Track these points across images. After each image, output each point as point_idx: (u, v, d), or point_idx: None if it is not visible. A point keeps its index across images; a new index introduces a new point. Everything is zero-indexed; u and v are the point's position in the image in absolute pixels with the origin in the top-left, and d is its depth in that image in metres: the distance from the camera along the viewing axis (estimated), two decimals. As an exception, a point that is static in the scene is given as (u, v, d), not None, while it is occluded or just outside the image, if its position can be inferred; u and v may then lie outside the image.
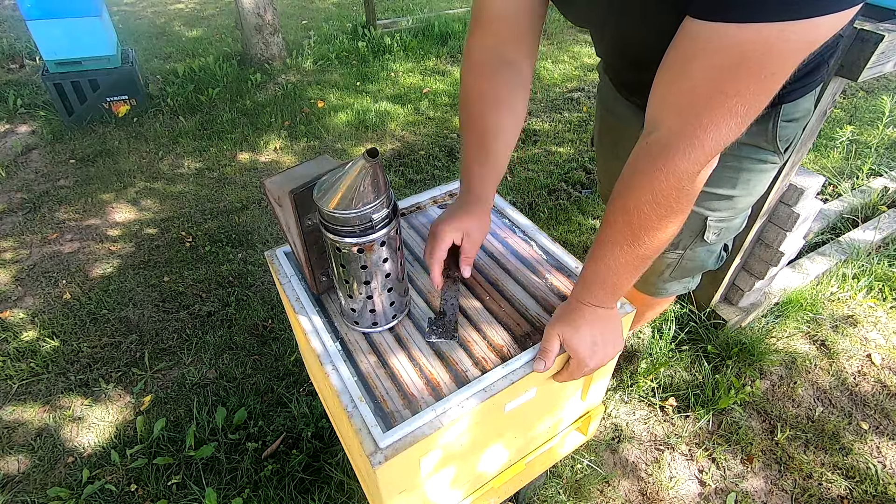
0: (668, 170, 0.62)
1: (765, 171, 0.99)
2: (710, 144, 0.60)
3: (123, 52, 3.25)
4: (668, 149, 0.62)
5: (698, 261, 1.14)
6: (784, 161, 1.00)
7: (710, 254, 1.14)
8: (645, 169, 0.65)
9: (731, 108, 0.57)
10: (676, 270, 1.17)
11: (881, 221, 2.20)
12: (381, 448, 0.68)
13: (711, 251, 1.14)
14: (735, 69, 0.55)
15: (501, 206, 1.11)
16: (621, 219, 0.69)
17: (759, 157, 0.96)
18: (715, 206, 1.02)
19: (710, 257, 1.15)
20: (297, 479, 1.45)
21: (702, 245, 1.09)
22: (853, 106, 3.34)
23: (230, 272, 2.15)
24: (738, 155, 0.96)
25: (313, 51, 4.01)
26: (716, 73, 0.56)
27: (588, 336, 0.77)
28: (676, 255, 1.14)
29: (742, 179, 0.98)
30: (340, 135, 3.09)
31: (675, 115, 0.61)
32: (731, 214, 1.04)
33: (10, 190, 2.65)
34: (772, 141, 0.93)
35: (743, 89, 0.56)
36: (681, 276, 1.19)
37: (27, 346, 1.86)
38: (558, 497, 1.41)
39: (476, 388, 0.75)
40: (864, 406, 1.65)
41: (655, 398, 1.65)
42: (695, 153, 0.61)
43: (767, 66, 0.54)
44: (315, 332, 0.84)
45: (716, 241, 1.09)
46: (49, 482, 1.49)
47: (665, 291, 1.25)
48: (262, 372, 1.76)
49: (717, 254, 1.16)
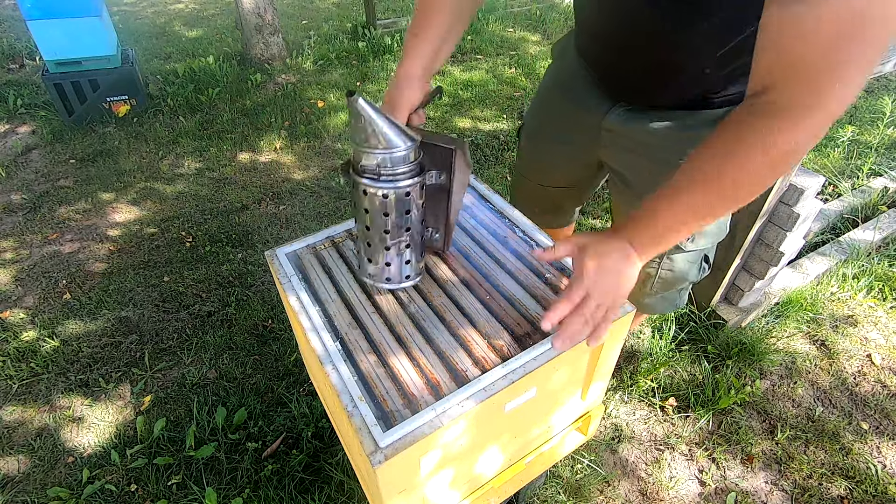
0: (788, 130, 0.62)
1: None
2: (834, 106, 0.60)
3: (123, 52, 3.25)
4: (790, 111, 0.62)
5: (678, 272, 1.15)
6: None
7: (689, 264, 1.14)
8: (759, 128, 0.64)
9: (852, 71, 0.58)
10: (658, 283, 1.17)
11: (881, 221, 2.20)
12: (380, 447, 0.68)
13: (690, 262, 1.13)
14: (859, 34, 0.55)
15: (501, 205, 1.11)
16: (713, 168, 0.67)
17: None
18: None
19: (690, 268, 1.15)
20: (297, 479, 1.45)
21: (678, 252, 1.10)
22: (853, 106, 3.34)
23: (230, 272, 2.15)
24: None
25: (313, 51, 4.01)
26: (837, 40, 0.56)
27: (609, 265, 0.73)
28: (655, 265, 1.14)
29: None
30: (340, 135, 3.09)
31: (794, 78, 0.61)
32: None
33: (10, 190, 2.65)
34: None
35: (868, 49, 0.56)
36: (663, 289, 1.19)
37: (27, 346, 1.86)
38: (558, 497, 1.41)
39: (476, 387, 0.75)
40: (864, 406, 1.65)
41: (655, 398, 1.65)
42: (819, 115, 0.61)
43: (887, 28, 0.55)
44: (315, 332, 0.84)
45: (693, 249, 1.09)
46: (49, 482, 1.49)
47: (652, 308, 1.25)
48: (262, 372, 1.76)
49: (697, 264, 1.15)
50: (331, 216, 2.46)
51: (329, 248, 1.02)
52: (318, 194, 2.61)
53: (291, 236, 2.35)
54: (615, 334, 0.89)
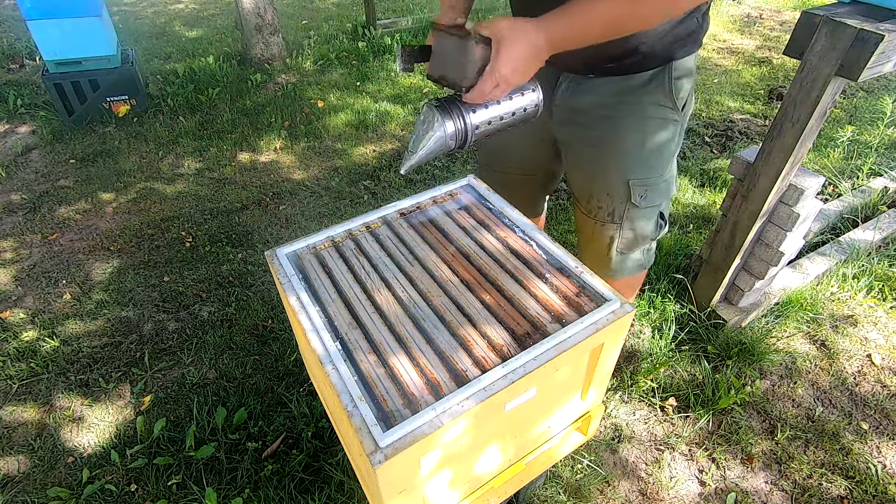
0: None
1: (668, 128, 1.11)
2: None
3: (123, 52, 3.25)
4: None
5: (638, 229, 1.23)
6: (683, 120, 1.13)
7: (647, 221, 1.22)
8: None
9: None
10: (621, 242, 1.26)
11: (881, 221, 2.20)
12: (380, 447, 0.68)
13: (647, 217, 1.21)
14: None
15: (501, 206, 1.11)
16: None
17: (661, 115, 1.09)
18: (632, 167, 1.13)
19: (648, 225, 1.23)
20: (297, 479, 1.45)
21: (634, 209, 1.18)
22: (853, 106, 3.34)
23: (230, 272, 2.15)
24: (643, 115, 1.08)
25: (313, 51, 4.01)
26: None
27: (522, 49, 0.78)
28: (615, 226, 1.22)
29: (649, 138, 1.10)
30: (340, 135, 3.09)
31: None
32: (648, 175, 1.15)
33: (10, 190, 2.65)
34: (668, 95, 1.07)
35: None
36: (628, 248, 1.27)
37: (27, 346, 1.86)
38: (558, 497, 1.41)
39: (476, 387, 0.75)
40: (864, 406, 1.65)
41: (655, 398, 1.65)
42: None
43: None
44: (315, 332, 0.84)
45: (646, 206, 1.18)
46: (49, 482, 1.49)
47: (622, 271, 1.33)
48: (262, 372, 1.76)
49: (654, 221, 1.23)
50: (331, 216, 2.46)
51: (329, 248, 1.02)
52: (318, 194, 2.61)
53: (291, 236, 2.35)
54: (615, 334, 0.89)
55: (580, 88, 1.11)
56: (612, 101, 1.09)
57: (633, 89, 1.07)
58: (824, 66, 1.27)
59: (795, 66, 1.76)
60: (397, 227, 1.07)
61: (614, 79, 1.07)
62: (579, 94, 1.11)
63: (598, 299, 0.90)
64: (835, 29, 1.21)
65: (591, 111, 1.12)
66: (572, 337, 0.82)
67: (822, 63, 1.27)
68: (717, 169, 2.71)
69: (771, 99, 3.42)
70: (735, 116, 3.24)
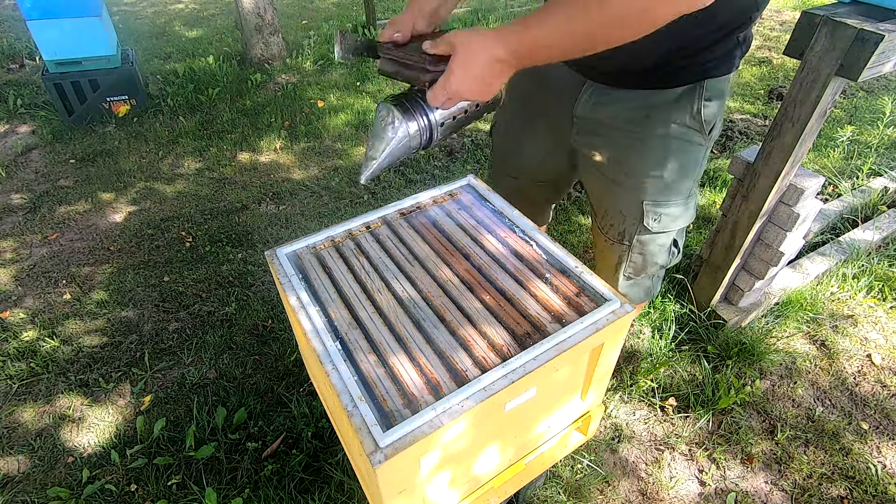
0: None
1: (691, 151, 1.04)
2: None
3: (123, 52, 3.25)
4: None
5: (648, 254, 1.17)
6: (709, 144, 1.06)
7: (659, 247, 1.17)
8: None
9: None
10: (629, 266, 1.20)
11: (881, 221, 2.20)
12: (381, 447, 0.68)
13: (660, 244, 1.16)
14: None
15: (501, 206, 1.11)
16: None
17: (686, 137, 1.02)
18: (648, 188, 1.07)
19: (660, 251, 1.18)
20: (297, 479, 1.45)
21: (646, 234, 1.13)
22: (853, 106, 3.34)
23: (230, 272, 2.15)
24: (666, 134, 1.02)
25: (313, 51, 4.01)
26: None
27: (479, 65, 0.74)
28: (625, 247, 1.17)
29: (671, 159, 1.04)
30: (340, 135, 3.09)
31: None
32: (666, 198, 1.08)
33: (10, 190, 2.65)
34: (696, 117, 1.00)
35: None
36: (635, 273, 1.22)
37: (27, 346, 1.86)
38: (558, 497, 1.41)
39: (476, 387, 0.75)
40: (864, 406, 1.65)
41: (655, 398, 1.65)
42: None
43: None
44: (315, 332, 0.84)
45: (659, 230, 1.12)
46: (49, 482, 1.49)
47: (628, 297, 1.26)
48: (262, 372, 1.76)
49: (667, 247, 1.19)
50: (331, 216, 2.46)
51: (329, 248, 1.02)
52: (318, 194, 2.61)
53: (291, 236, 2.35)
54: (615, 334, 0.89)
55: (604, 99, 1.05)
56: (638, 115, 1.03)
57: (661, 105, 1.00)
58: (824, 66, 1.27)
59: (795, 66, 1.77)
60: (397, 227, 1.07)
61: (643, 92, 1.01)
62: (602, 105, 1.06)
63: (598, 299, 0.90)
64: (835, 29, 1.21)
65: (613, 124, 1.06)
66: (572, 337, 0.83)
67: (822, 63, 1.27)
68: (717, 169, 2.71)
69: (771, 99, 3.42)
70: (735, 116, 3.24)
